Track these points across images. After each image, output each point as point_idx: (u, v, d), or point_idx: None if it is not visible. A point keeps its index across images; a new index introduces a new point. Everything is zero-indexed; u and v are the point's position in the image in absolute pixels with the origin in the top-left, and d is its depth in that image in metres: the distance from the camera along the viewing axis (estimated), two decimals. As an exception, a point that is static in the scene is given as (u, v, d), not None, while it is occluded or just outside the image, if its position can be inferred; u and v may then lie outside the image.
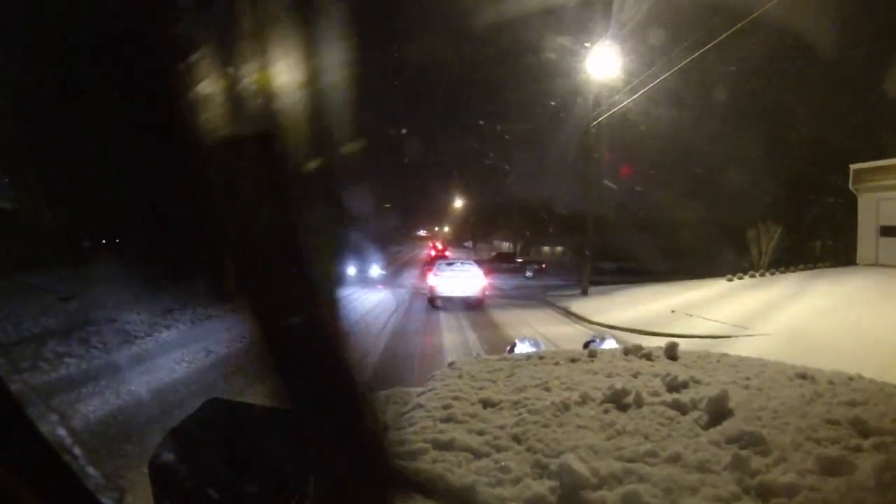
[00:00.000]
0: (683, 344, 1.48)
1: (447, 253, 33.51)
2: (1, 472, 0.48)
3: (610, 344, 1.99)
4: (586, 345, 1.96)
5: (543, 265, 26.38)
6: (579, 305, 12.44)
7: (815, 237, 23.14)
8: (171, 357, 6.35)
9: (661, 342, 1.51)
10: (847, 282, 10.42)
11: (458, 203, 60.09)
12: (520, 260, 27.99)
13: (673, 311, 9.96)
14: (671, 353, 1.42)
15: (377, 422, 0.79)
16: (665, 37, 14.14)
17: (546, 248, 40.07)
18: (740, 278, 13.71)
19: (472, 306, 12.04)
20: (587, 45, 14.58)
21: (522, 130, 28.29)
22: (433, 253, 32.50)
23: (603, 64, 14.09)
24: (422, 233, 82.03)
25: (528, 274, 24.48)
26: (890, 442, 0.78)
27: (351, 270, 18.27)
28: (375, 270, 19.21)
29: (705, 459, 0.77)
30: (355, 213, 30.05)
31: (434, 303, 12.13)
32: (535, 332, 8.65)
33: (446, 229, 73.68)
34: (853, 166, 13.95)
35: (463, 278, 12.46)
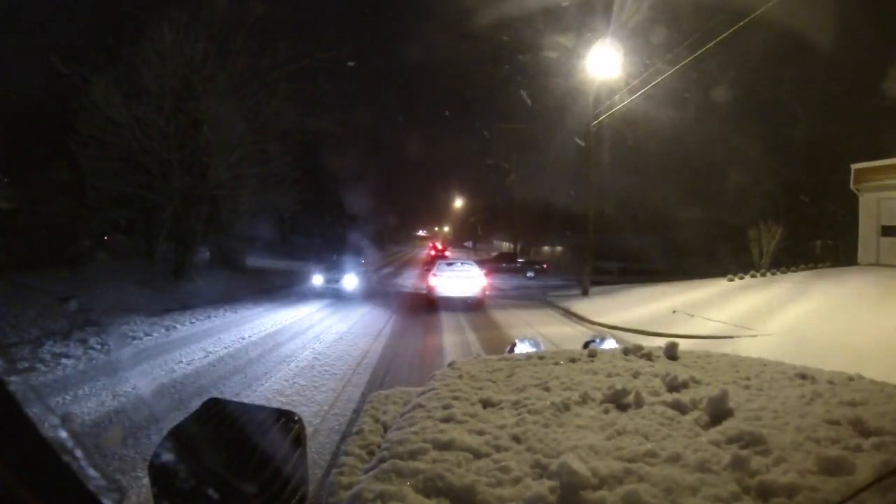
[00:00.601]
0: (684, 344, 1.48)
1: (447, 253, 33.51)
2: (1, 473, 0.48)
3: (610, 344, 1.99)
4: (586, 345, 1.96)
5: (545, 265, 26.39)
6: (580, 306, 12.44)
7: (815, 237, 23.17)
8: (169, 357, 6.36)
9: (662, 342, 1.50)
10: (848, 282, 10.42)
11: (459, 203, 60.22)
12: (521, 260, 27.96)
13: (674, 312, 9.96)
14: (671, 352, 1.42)
15: None
16: (666, 36, 14.16)
17: (546, 248, 40.11)
18: (741, 278, 13.71)
19: (472, 307, 12.04)
20: (587, 44, 14.59)
21: (523, 130, 28.33)
22: (433, 253, 32.52)
23: (603, 63, 14.09)
24: (422, 233, 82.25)
25: (530, 274, 24.50)
26: (890, 442, 0.78)
27: (317, 280, 13.88)
28: (351, 281, 13.87)
29: (705, 459, 0.77)
30: (352, 213, 30.02)
31: (433, 303, 12.14)
32: (535, 332, 8.65)
33: (446, 229, 73.87)
34: (854, 166, 13.94)
35: (463, 278, 12.46)
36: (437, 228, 79.43)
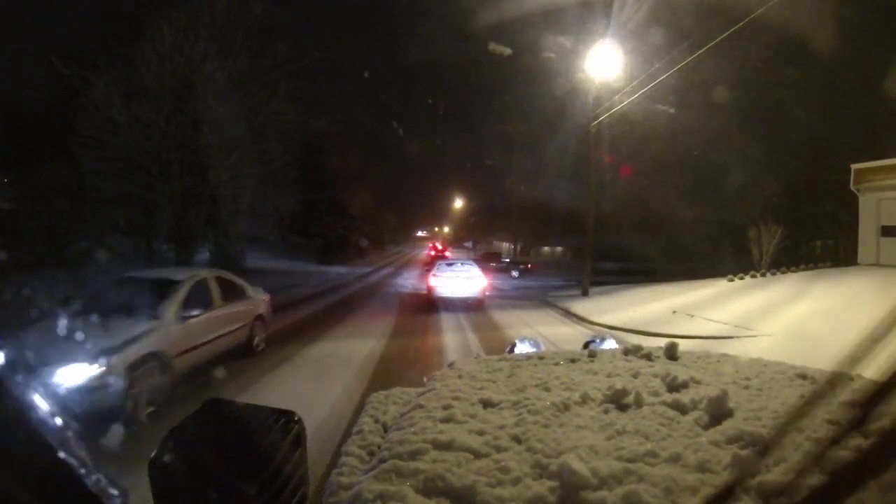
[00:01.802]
0: (684, 344, 1.48)
1: (447, 253, 33.53)
2: (1, 474, 0.48)
3: (610, 344, 1.99)
4: (586, 345, 1.96)
5: (529, 266, 26.38)
6: (580, 306, 12.44)
7: (815, 237, 23.19)
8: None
9: (662, 343, 1.50)
10: (848, 282, 10.42)
11: (459, 204, 60.28)
12: (506, 259, 28.16)
13: (674, 312, 9.96)
14: (671, 353, 1.42)
15: None
16: (666, 37, 14.15)
17: (546, 249, 40.15)
18: (741, 279, 13.71)
19: (472, 307, 12.04)
20: (588, 45, 14.57)
21: (523, 131, 28.37)
22: (433, 253, 32.54)
23: (603, 64, 14.09)
24: (422, 233, 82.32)
25: (515, 274, 24.51)
26: (890, 442, 0.78)
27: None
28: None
29: (705, 459, 0.77)
30: (352, 213, 29.89)
31: (433, 304, 12.14)
32: (535, 332, 8.65)
33: (446, 230, 73.87)
34: (854, 166, 13.94)
35: (463, 279, 12.45)
36: (437, 229, 79.49)
